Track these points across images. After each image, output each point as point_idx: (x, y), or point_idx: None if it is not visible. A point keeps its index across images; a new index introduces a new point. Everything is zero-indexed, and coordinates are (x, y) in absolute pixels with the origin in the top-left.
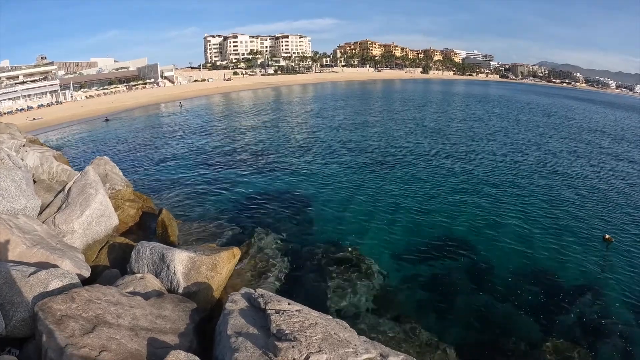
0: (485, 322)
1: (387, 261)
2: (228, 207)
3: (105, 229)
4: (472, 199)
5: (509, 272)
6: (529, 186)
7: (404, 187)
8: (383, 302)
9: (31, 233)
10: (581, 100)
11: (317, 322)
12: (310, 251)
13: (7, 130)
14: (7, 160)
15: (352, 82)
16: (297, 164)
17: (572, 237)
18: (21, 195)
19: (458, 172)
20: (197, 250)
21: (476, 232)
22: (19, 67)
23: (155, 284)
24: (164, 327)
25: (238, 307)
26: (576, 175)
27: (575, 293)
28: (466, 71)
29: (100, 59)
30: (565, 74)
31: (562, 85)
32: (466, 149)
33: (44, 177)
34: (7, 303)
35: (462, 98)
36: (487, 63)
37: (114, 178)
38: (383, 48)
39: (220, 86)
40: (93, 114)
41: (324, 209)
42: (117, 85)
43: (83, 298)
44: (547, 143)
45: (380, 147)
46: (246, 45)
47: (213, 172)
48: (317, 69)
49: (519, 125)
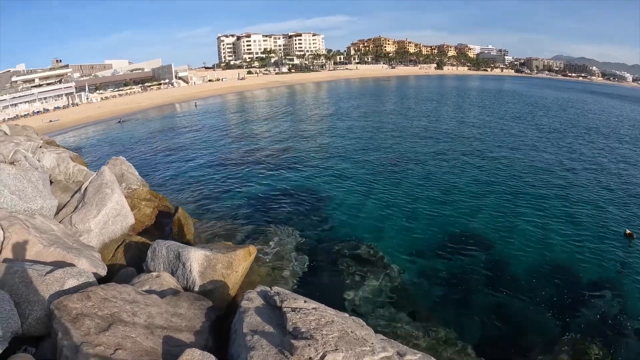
0: (503, 319)
1: (404, 258)
2: (243, 205)
3: (122, 228)
4: (489, 196)
5: (527, 268)
6: (546, 182)
7: (419, 184)
8: (400, 299)
9: (48, 233)
10: (598, 94)
11: (334, 320)
12: (326, 248)
13: (24, 132)
14: (24, 162)
15: (366, 79)
16: (312, 161)
17: (591, 233)
18: (38, 196)
19: (474, 169)
20: (213, 249)
21: (493, 228)
22: (34, 71)
23: (171, 282)
24: (180, 325)
25: (254, 305)
26: (595, 170)
27: (594, 290)
28: (481, 66)
29: (115, 60)
30: (580, 67)
31: (578, 79)
32: (482, 145)
33: (61, 177)
34: (23, 302)
35: (476, 94)
36: (502, 58)
37: (130, 178)
38: (397, 44)
39: (235, 85)
40: (109, 116)
41: (340, 207)
42: (132, 87)
43: (99, 296)
44: (564, 138)
45: (396, 144)
46: (259, 44)
47: (228, 170)
48: (331, 67)
49: (534, 121)
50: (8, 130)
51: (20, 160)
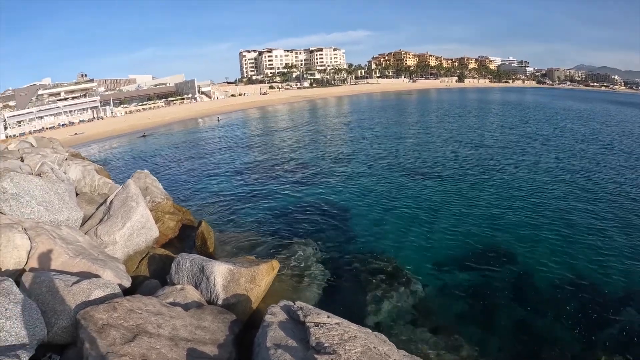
0: (527, 336)
1: (426, 272)
2: (266, 218)
3: (146, 240)
4: (512, 209)
5: (551, 283)
6: (571, 195)
7: (441, 198)
8: (422, 314)
9: (74, 244)
10: (621, 104)
11: (357, 335)
12: (348, 262)
13: (50, 145)
14: (50, 174)
15: (387, 93)
16: (334, 175)
17: (618, 248)
18: (64, 207)
19: (496, 182)
20: (236, 263)
21: (516, 241)
22: (60, 85)
23: (195, 295)
24: (204, 337)
25: (277, 319)
26: (622, 183)
27: (621, 307)
28: (502, 78)
29: (139, 75)
30: (603, 77)
31: (601, 88)
32: (504, 159)
33: (86, 189)
34: (49, 310)
35: (498, 106)
36: (523, 69)
37: (154, 191)
38: (417, 58)
39: (257, 100)
40: (133, 129)
41: (362, 221)
42: (156, 101)
43: (124, 308)
44: (589, 150)
45: (417, 158)
46: (281, 59)
47: (251, 184)
48: (352, 81)
49: (557, 134)
50: (35, 142)
51: (47, 172)
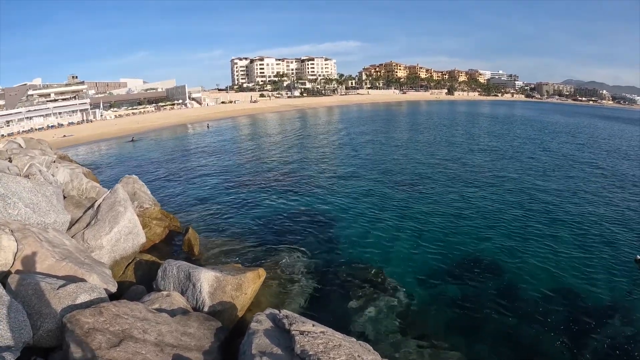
0: (513, 345)
1: (412, 282)
2: (253, 226)
3: (133, 246)
4: (498, 221)
5: (537, 293)
6: (556, 207)
7: (428, 208)
8: (408, 323)
9: (60, 247)
10: (608, 118)
11: (341, 344)
12: (334, 271)
13: (39, 146)
14: (38, 176)
15: (377, 104)
16: (322, 184)
17: (602, 258)
18: (51, 210)
19: (484, 194)
20: (223, 270)
21: (503, 252)
22: (50, 85)
23: (181, 302)
24: (189, 344)
25: (263, 327)
26: (605, 196)
27: (605, 317)
28: (491, 91)
29: (130, 79)
30: (591, 91)
31: (589, 103)
32: (492, 171)
33: (74, 193)
34: (35, 313)
35: (487, 119)
36: (512, 83)
37: (142, 196)
38: (408, 70)
39: (247, 108)
40: (122, 133)
41: (349, 230)
42: (146, 106)
43: (111, 312)
44: (574, 164)
45: (405, 168)
46: (272, 67)
47: (239, 192)
48: (343, 91)
49: (544, 147)
50: (23, 143)
51: (35, 174)
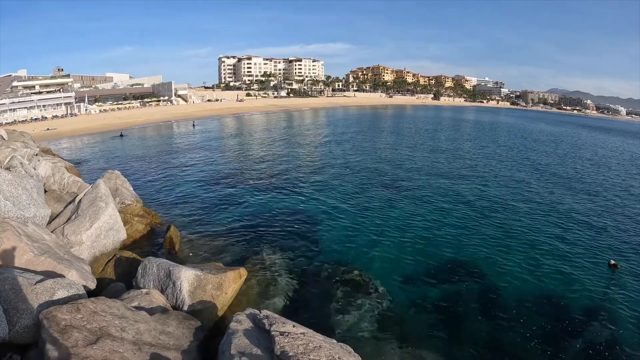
0: (493, 348)
1: (394, 284)
2: (236, 225)
3: (113, 242)
4: (480, 225)
5: (517, 297)
6: (536, 213)
7: (412, 211)
8: (389, 326)
9: (39, 242)
10: (591, 128)
11: (321, 345)
12: (316, 272)
13: (21, 139)
14: (19, 169)
15: (363, 107)
16: (305, 185)
17: (579, 263)
18: (32, 204)
19: (467, 199)
20: (203, 269)
21: (483, 257)
22: (35, 77)
23: (161, 300)
24: (168, 343)
25: (242, 327)
26: (583, 202)
27: (581, 320)
28: (477, 98)
29: (116, 74)
30: (575, 101)
31: (573, 112)
32: (475, 176)
33: (55, 187)
34: (11, 309)
35: (472, 125)
36: (498, 90)
37: (124, 193)
38: (395, 74)
39: (233, 107)
40: (107, 128)
41: (331, 231)
42: (132, 101)
43: (88, 309)
44: (555, 172)
45: (390, 171)
46: (260, 67)
47: (222, 191)
48: (329, 93)
49: (527, 155)
50: (5, 135)
51: (16, 166)
